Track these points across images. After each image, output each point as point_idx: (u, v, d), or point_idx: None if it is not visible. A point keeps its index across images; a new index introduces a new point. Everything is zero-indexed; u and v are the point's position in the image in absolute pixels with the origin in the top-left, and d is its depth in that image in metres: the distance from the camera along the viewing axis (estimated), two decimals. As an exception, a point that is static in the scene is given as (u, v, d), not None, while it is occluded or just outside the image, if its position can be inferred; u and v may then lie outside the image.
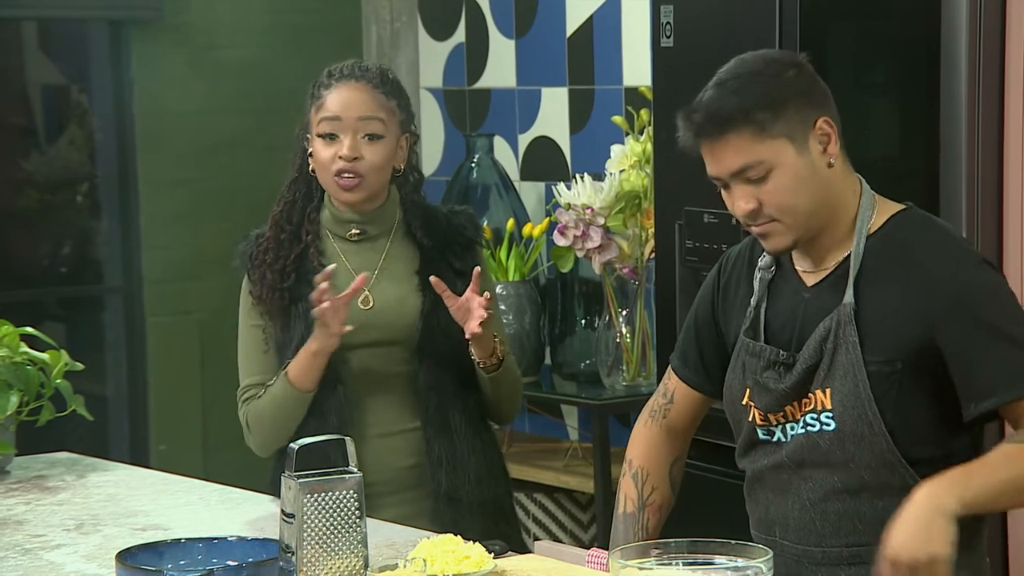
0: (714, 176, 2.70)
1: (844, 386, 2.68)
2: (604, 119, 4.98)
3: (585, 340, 4.93)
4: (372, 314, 3.30)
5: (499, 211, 5.11)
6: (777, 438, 2.77)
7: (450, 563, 2.65)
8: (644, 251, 4.61)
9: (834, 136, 2.69)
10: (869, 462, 2.67)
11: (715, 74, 2.71)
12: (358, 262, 3.33)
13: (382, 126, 3.28)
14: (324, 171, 3.29)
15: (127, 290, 5.53)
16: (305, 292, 3.27)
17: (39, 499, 3.33)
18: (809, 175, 2.66)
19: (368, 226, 3.33)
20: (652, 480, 2.90)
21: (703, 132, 2.66)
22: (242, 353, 3.38)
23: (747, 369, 2.79)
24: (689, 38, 3.94)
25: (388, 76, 3.33)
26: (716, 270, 2.91)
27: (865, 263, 2.70)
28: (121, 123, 5.48)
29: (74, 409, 3.56)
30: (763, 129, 2.63)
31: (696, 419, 2.96)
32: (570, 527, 4.93)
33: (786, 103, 2.64)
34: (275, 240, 3.34)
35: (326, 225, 3.35)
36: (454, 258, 3.35)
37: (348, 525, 2.52)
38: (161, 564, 2.60)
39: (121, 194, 5.50)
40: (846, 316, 2.68)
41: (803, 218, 2.68)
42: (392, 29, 5.67)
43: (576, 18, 5.17)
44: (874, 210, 2.73)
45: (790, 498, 2.74)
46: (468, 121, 5.52)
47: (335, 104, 3.27)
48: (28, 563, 2.88)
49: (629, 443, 2.96)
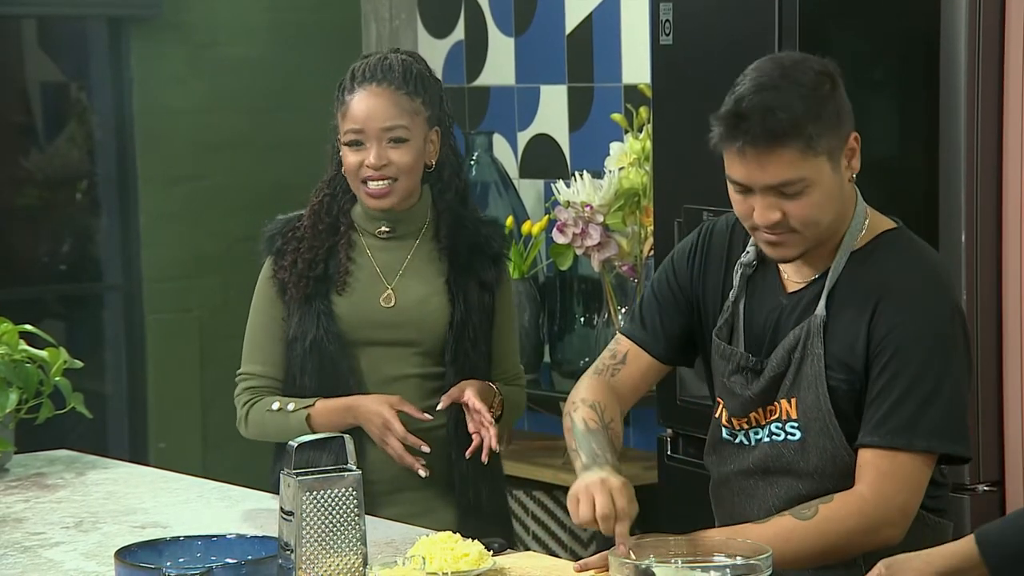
0: (742, 182, 2.63)
1: (807, 397, 2.67)
2: (603, 117, 4.98)
3: (584, 338, 4.93)
4: (394, 313, 3.30)
5: (498, 209, 5.11)
6: (740, 440, 2.77)
7: (449, 561, 2.66)
8: (643, 249, 4.61)
9: (858, 150, 2.67)
10: (833, 472, 2.66)
11: (747, 71, 2.65)
12: (385, 259, 3.33)
13: (406, 130, 3.27)
14: (353, 177, 3.29)
15: (126, 288, 5.53)
16: (327, 288, 3.28)
17: (38, 497, 3.33)
18: (837, 192, 2.64)
19: (397, 225, 3.33)
20: (609, 414, 2.82)
21: (753, 141, 2.58)
22: (249, 338, 3.37)
23: (716, 370, 2.79)
24: (688, 36, 3.94)
25: (412, 72, 3.29)
26: (695, 240, 2.86)
27: (843, 279, 2.68)
28: (121, 121, 5.48)
29: (73, 407, 3.56)
30: (811, 146, 2.58)
31: (640, 388, 2.90)
32: (568, 524, 4.93)
33: (830, 119, 2.60)
34: (312, 229, 3.33)
35: (357, 220, 3.36)
36: (481, 269, 3.34)
37: (347, 523, 2.52)
38: (160, 562, 2.60)
39: (121, 192, 5.50)
40: (815, 328, 2.67)
41: (821, 232, 2.65)
42: (391, 27, 5.67)
43: (575, 16, 5.17)
44: (865, 225, 2.71)
45: (756, 503, 2.73)
46: (467, 119, 5.52)
47: (358, 113, 3.26)
48: (27, 561, 2.88)
49: (573, 393, 2.88)
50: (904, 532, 2.61)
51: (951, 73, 3.69)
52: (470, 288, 3.30)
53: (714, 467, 2.83)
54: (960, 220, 3.70)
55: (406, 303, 3.30)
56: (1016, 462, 3.74)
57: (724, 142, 2.62)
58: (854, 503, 2.60)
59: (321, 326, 3.27)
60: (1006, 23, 3.68)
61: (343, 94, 3.30)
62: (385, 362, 3.30)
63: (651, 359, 2.88)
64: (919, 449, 2.61)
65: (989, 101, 3.70)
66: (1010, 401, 3.73)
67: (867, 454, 2.62)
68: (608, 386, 2.87)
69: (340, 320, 3.28)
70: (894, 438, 2.60)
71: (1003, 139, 3.71)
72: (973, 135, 3.70)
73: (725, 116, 2.61)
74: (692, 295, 2.84)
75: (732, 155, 2.62)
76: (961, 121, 3.69)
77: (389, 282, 3.31)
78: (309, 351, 3.28)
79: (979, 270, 3.71)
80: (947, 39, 3.70)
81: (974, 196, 3.71)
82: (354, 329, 3.29)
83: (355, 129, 3.26)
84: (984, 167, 3.70)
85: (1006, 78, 3.69)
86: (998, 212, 3.72)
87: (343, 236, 3.33)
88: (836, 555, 2.62)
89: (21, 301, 5.39)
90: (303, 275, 3.30)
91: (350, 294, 3.30)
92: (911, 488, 2.61)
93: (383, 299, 3.31)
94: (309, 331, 3.28)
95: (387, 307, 3.30)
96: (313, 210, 3.36)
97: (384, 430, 3.20)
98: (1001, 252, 3.72)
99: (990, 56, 3.69)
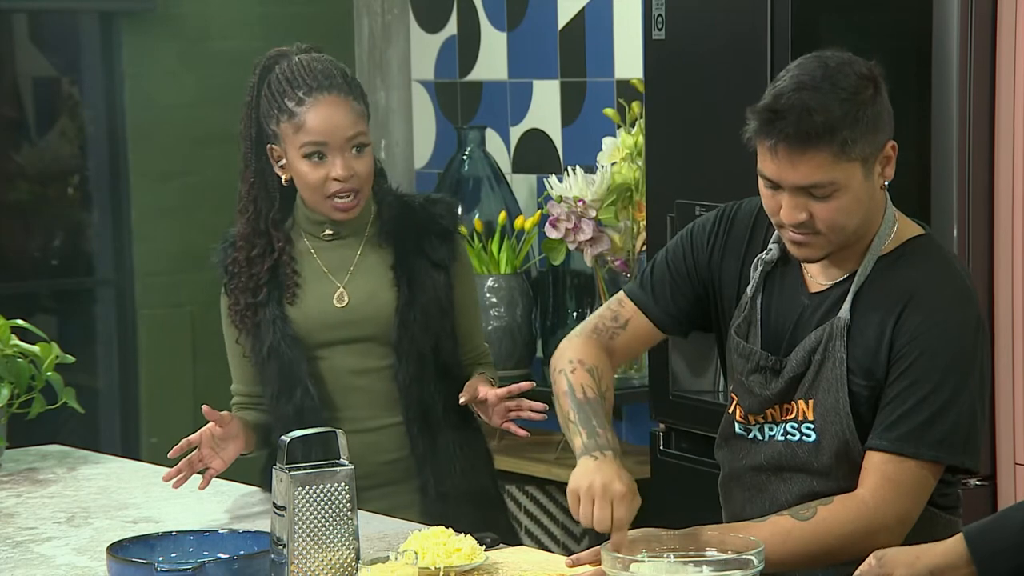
0: (772, 178, 2.60)
1: (826, 400, 2.66)
2: (596, 112, 4.98)
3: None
4: (347, 311, 3.27)
5: (491, 204, 5.11)
6: (754, 436, 2.76)
7: (441, 555, 2.66)
8: (636, 244, 4.62)
9: (894, 159, 2.64)
10: (847, 472, 2.65)
11: (790, 67, 2.62)
12: (332, 259, 3.29)
13: (365, 136, 3.23)
14: (314, 192, 3.22)
15: (118, 282, 5.53)
16: (279, 295, 3.26)
17: (30, 492, 3.33)
18: (867, 198, 2.62)
19: (341, 227, 3.29)
20: (606, 382, 2.78)
21: (787, 140, 2.55)
22: (228, 357, 3.39)
23: (734, 368, 2.78)
24: (681, 30, 3.94)
25: (348, 75, 3.25)
26: (717, 221, 2.82)
27: (868, 283, 2.67)
28: (112, 115, 5.47)
29: (65, 402, 3.56)
30: (844, 151, 2.56)
31: (634, 353, 2.90)
32: (561, 519, 4.93)
33: (867, 126, 2.58)
34: (246, 261, 3.29)
35: (301, 224, 3.31)
36: (431, 249, 3.29)
37: (339, 518, 2.52)
38: (152, 557, 2.60)
39: (112, 186, 5.49)
40: (839, 330, 2.65)
41: (847, 236, 2.64)
42: (384, 21, 5.67)
43: (568, 10, 5.17)
44: (893, 231, 2.69)
45: (767, 499, 2.73)
46: (460, 114, 5.52)
47: (319, 125, 3.18)
48: (19, 556, 2.88)
49: (566, 349, 2.83)
50: (901, 539, 2.59)
51: (943, 71, 3.70)
52: (419, 269, 3.25)
53: (725, 462, 2.82)
54: (952, 218, 3.70)
55: (358, 299, 3.27)
56: (1007, 457, 3.75)
57: (758, 136, 2.59)
58: (853, 507, 2.60)
59: (276, 332, 3.25)
60: (998, 20, 3.68)
61: (286, 102, 3.21)
62: (346, 360, 3.27)
63: (653, 328, 2.85)
64: (927, 458, 2.60)
65: (981, 99, 3.70)
66: (1002, 397, 3.74)
67: (874, 457, 2.61)
68: (605, 349, 2.83)
69: (296, 325, 3.26)
70: (903, 444, 2.59)
71: (994, 137, 3.71)
72: (965, 133, 3.70)
73: (762, 111, 2.58)
74: (708, 276, 2.82)
75: (764, 151, 2.60)
76: (953, 119, 3.70)
77: (340, 281, 3.28)
78: (267, 359, 3.25)
79: (971, 263, 3.72)
80: (939, 37, 3.70)
81: (966, 194, 3.71)
82: (310, 333, 3.27)
83: (317, 141, 3.18)
84: (976, 165, 3.71)
85: (998, 76, 3.69)
86: (989, 210, 3.73)
87: (282, 252, 3.27)
88: (832, 558, 2.61)
89: (12, 296, 5.39)
90: (248, 307, 3.27)
91: (301, 302, 3.27)
92: (913, 496, 2.60)
93: (336, 299, 3.28)
94: (266, 339, 3.26)
95: (340, 306, 3.27)
96: (243, 236, 3.30)
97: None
98: (992, 250, 3.73)
99: (982, 54, 3.69)
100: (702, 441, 3.57)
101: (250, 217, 3.30)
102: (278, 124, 3.23)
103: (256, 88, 3.28)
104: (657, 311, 2.84)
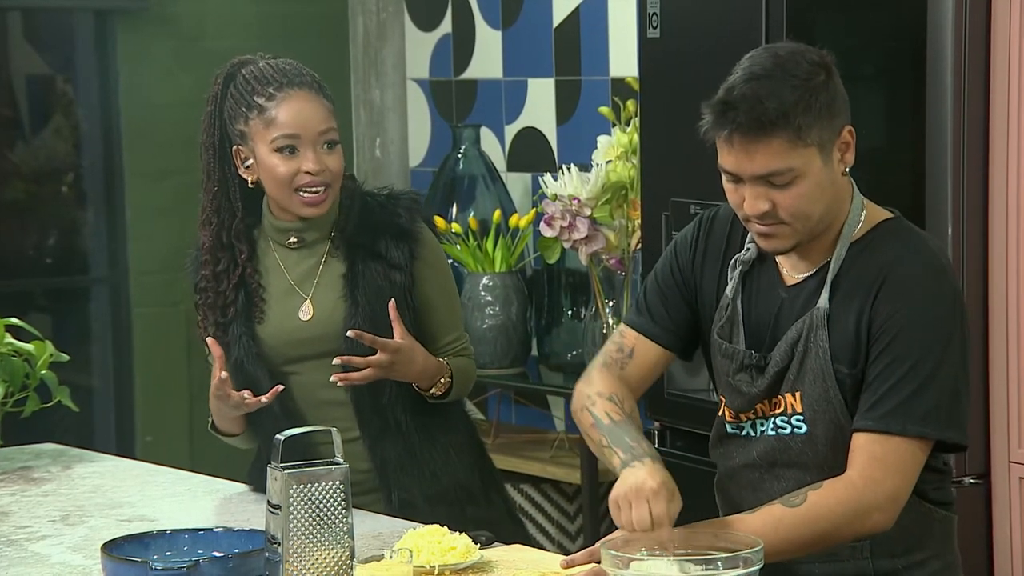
0: (732, 171, 2.62)
1: (814, 390, 2.67)
2: (591, 110, 4.98)
3: (572, 331, 4.93)
4: (312, 325, 3.23)
5: (486, 202, 5.11)
6: (746, 433, 2.77)
7: (436, 554, 2.66)
8: (631, 242, 4.62)
9: (852, 144, 2.66)
10: (841, 463, 2.65)
11: (742, 61, 2.63)
12: (298, 271, 3.26)
13: (337, 133, 3.21)
14: (283, 187, 3.18)
15: (113, 281, 5.52)
16: (244, 314, 3.23)
17: (24, 490, 3.33)
18: (828, 184, 2.63)
19: (305, 233, 3.25)
20: (629, 404, 2.79)
21: (741, 130, 2.57)
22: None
23: (720, 371, 2.79)
24: (676, 29, 3.94)
25: (316, 76, 3.23)
26: (697, 228, 2.85)
27: (843, 270, 2.68)
28: (107, 114, 5.47)
29: (59, 400, 3.55)
30: (800, 137, 2.57)
31: (648, 379, 2.87)
32: (556, 517, 4.94)
33: (821, 111, 2.59)
34: (213, 276, 3.26)
35: (268, 233, 3.28)
36: (387, 252, 3.22)
37: (334, 516, 2.52)
38: (147, 555, 2.60)
39: (107, 185, 5.49)
40: (818, 320, 2.66)
41: (812, 224, 2.64)
42: (378, 20, 5.67)
43: (563, 9, 5.17)
44: (862, 217, 2.70)
45: (762, 496, 2.72)
46: (455, 112, 5.52)
47: (291, 119, 3.16)
48: (13, 554, 2.87)
49: (583, 388, 2.83)
50: (893, 518, 2.60)
51: (938, 66, 3.70)
52: (372, 275, 3.20)
53: (721, 461, 2.82)
54: (947, 213, 3.71)
55: (322, 313, 3.23)
56: (1002, 454, 3.75)
57: (713, 130, 2.62)
58: (843, 489, 2.60)
59: (242, 348, 3.22)
60: (992, 16, 3.69)
61: (255, 99, 3.18)
62: (315, 375, 3.22)
63: (659, 349, 2.85)
64: (913, 434, 2.60)
65: (976, 94, 3.70)
66: (996, 393, 3.74)
67: (860, 438, 2.62)
68: (619, 379, 2.84)
69: (263, 344, 3.24)
70: (889, 422, 2.59)
71: (989, 132, 3.72)
72: (960, 128, 3.70)
73: (715, 104, 2.61)
74: (694, 283, 2.83)
75: (721, 144, 2.62)
76: (948, 114, 3.70)
77: (306, 292, 3.24)
78: (233, 373, 3.19)
79: (965, 262, 3.72)
80: (934, 32, 3.70)
81: (960, 189, 3.71)
82: (277, 351, 3.24)
83: (289, 135, 3.16)
84: (970, 160, 3.71)
85: (992, 71, 3.69)
86: (984, 205, 3.73)
87: (246, 265, 3.24)
88: (826, 542, 2.62)
89: (7, 294, 5.38)
90: (217, 325, 3.24)
91: (267, 321, 3.24)
92: (902, 473, 2.60)
93: (301, 312, 3.24)
94: (233, 353, 3.23)
95: (306, 319, 3.23)
96: (208, 249, 3.26)
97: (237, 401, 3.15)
98: (987, 245, 3.73)
99: (976, 49, 3.69)
100: (697, 439, 3.56)
101: (214, 229, 3.26)
102: (246, 122, 3.20)
103: (219, 95, 3.24)
104: (657, 330, 2.85)
